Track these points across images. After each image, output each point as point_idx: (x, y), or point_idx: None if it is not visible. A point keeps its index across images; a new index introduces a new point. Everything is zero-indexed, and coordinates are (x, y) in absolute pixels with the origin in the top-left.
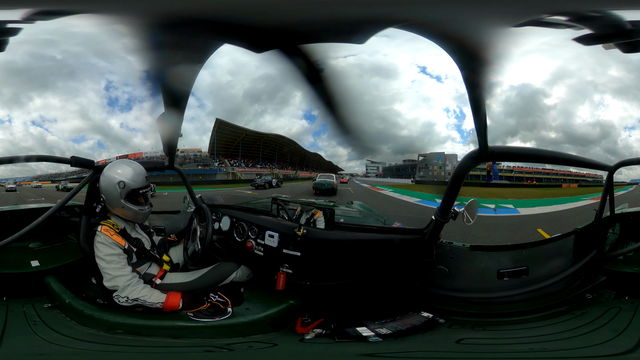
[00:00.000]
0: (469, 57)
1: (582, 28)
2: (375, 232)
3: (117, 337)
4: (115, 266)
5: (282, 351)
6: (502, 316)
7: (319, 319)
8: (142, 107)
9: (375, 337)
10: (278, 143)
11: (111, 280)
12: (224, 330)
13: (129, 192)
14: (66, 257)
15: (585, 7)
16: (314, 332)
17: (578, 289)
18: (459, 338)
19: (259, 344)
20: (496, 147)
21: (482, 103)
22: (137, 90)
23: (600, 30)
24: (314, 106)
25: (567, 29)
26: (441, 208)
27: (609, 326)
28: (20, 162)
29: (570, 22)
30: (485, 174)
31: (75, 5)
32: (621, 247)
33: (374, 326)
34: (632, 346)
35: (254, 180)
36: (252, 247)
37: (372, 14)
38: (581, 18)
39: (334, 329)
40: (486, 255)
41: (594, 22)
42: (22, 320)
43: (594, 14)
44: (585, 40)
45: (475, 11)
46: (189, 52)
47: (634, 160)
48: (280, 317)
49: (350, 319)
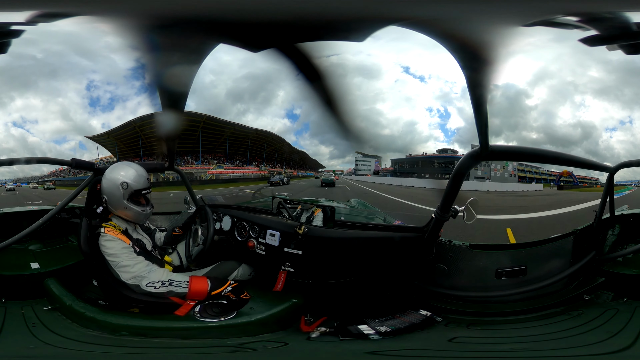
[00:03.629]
0: (471, 56)
1: (588, 28)
2: (376, 229)
3: (122, 338)
4: (130, 256)
5: (293, 350)
6: (498, 315)
7: (321, 317)
8: (124, 107)
9: (376, 335)
10: (266, 141)
11: (131, 270)
12: (232, 330)
13: (131, 193)
14: (66, 259)
15: (597, 8)
16: (319, 331)
17: (576, 290)
18: (452, 337)
19: (270, 342)
20: (497, 146)
21: (483, 102)
22: (118, 89)
23: (607, 30)
24: (314, 105)
25: (572, 30)
26: (441, 206)
27: (605, 327)
28: (21, 164)
29: (578, 23)
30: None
31: (66, 8)
32: (620, 248)
33: (375, 324)
34: (625, 345)
35: (269, 178)
36: (254, 247)
37: (374, 11)
38: (589, 19)
39: (337, 327)
40: (485, 254)
41: (601, 23)
42: (21, 322)
43: (604, 14)
44: (586, 41)
45: (479, 10)
46: (186, 53)
47: (635, 162)
48: (284, 316)
49: (352, 317)
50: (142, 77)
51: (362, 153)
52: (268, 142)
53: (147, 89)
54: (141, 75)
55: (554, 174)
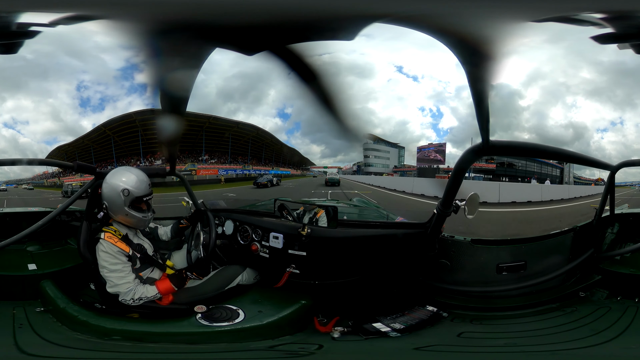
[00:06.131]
0: (472, 51)
1: (588, 26)
2: (379, 227)
3: (113, 343)
4: (119, 275)
5: (332, 351)
6: (498, 310)
7: (333, 317)
8: (115, 107)
9: (394, 332)
10: (251, 136)
11: (114, 287)
12: (244, 334)
13: (132, 200)
14: (65, 262)
15: (598, 7)
16: (337, 331)
17: (572, 287)
18: (460, 332)
19: (305, 345)
20: (498, 141)
21: (484, 97)
22: (109, 90)
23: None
24: (311, 105)
25: (572, 27)
26: (442, 201)
27: (592, 325)
28: (23, 164)
29: (579, 20)
30: None
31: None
32: (619, 247)
33: (387, 321)
34: (603, 340)
35: (256, 179)
36: (257, 250)
37: (370, 8)
38: (589, 17)
39: (354, 326)
40: (486, 249)
41: (602, 23)
42: (9, 322)
43: (603, 13)
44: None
45: (479, 4)
46: (185, 58)
47: (637, 161)
48: (296, 317)
49: (364, 315)
50: (135, 78)
51: (378, 138)
52: (253, 138)
53: (144, 93)
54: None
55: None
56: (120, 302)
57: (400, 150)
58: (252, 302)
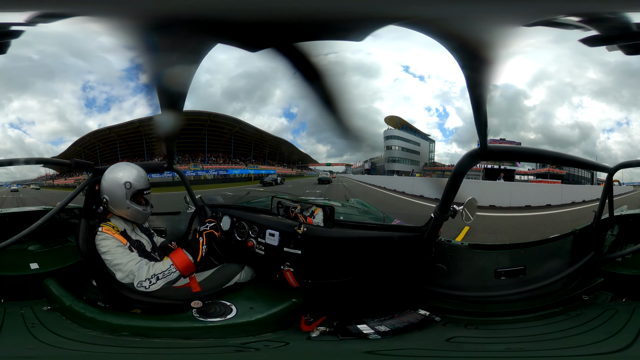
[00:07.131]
0: (471, 56)
1: (588, 29)
2: (375, 229)
3: (123, 339)
4: (123, 253)
5: (294, 350)
6: (496, 315)
7: (321, 316)
8: (120, 108)
9: (375, 334)
10: (254, 138)
11: (124, 269)
12: (232, 330)
13: (134, 192)
14: (66, 260)
15: (598, 8)
16: (319, 330)
17: (575, 290)
18: (449, 336)
19: (272, 342)
20: (495, 146)
21: (483, 102)
22: (114, 90)
23: (607, 31)
24: (312, 103)
25: (572, 30)
26: (440, 206)
27: (603, 327)
28: (20, 164)
29: (579, 23)
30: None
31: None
32: (619, 249)
33: (374, 323)
34: (624, 345)
35: (262, 178)
36: (253, 246)
37: (373, 11)
38: (591, 19)
39: (337, 327)
40: (484, 254)
41: (601, 23)
42: (20, 322)
43: (604, 15)
44: (586, 41)
45: (479, 9)
46: (184, 53)
47: (634, 162)
48: (284, 315)
49: (351, 317)
50: (140, 78)
51: (406, 123)
52: (256, 139)
53: (144, 89)
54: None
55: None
56: (123, 298)
57: (430, 144)
58: (246, 298)
